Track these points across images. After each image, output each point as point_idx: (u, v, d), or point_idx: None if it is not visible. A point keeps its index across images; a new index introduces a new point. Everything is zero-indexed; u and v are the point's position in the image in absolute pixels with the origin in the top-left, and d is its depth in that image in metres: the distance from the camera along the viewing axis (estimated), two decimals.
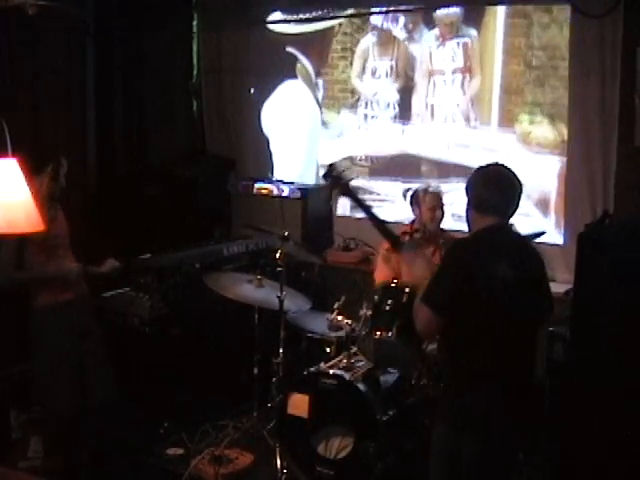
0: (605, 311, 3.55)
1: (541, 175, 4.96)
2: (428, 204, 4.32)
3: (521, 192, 2.99)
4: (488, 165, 3.07)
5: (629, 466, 3.46)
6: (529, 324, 2.96)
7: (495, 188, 2.93)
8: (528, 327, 2.96)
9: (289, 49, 5.83)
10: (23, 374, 4.46)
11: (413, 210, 4.38)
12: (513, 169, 3.02)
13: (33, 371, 4.11)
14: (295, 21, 5.73)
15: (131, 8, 5.64)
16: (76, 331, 4.03)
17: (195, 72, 6.10)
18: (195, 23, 6.02)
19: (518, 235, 3.13)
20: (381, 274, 4.34)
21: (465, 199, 3.02)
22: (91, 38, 5.51)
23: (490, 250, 2.90)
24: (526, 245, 3.10)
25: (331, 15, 5.57)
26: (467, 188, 3.01)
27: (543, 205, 4.98)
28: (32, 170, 3.48)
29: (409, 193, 4.48)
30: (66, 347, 4.00)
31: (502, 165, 3.09)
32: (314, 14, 5.62)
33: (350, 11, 5.52)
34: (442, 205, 4.36)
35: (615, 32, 4.44)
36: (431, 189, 4.39)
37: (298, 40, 5.78)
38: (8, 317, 4.62)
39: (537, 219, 4.95)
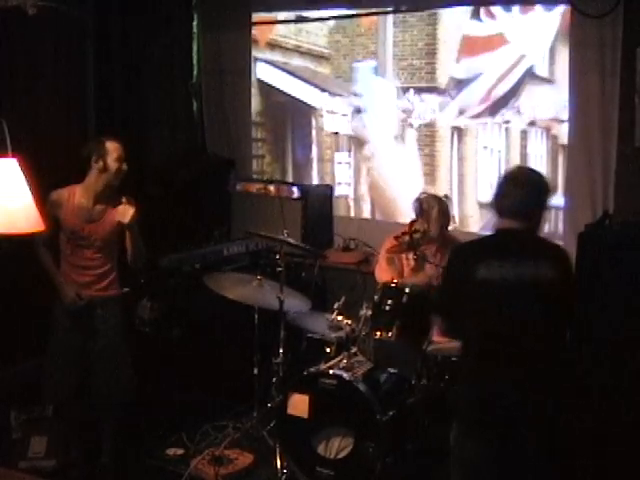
0: (605, 311, 3.54)
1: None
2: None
3: (541, 193, 2.97)
4: (513, 168, 3.16)
5: (629, 466, 3.46)
6: (532, 328, 2.88)
7: (507, 190, 2.94)
8: (531, 330, 2.88)
9: None
10: (23, 374, 4.47)
11: (417, 217, 4.27)
12: (538, 171, 3.07)
13: None
14: (295, 22, 5.73)
15: (131, 8, 5.63)
16: (84, 328, 4.01)
17: (195, 72, 6.10)
18: (195, 23, 6.02)
19: (531, 240, 3.01)
20: (385, 275, 4.32)
21: None
22: (91, 38, 5.51)
23: (481, 253, 2.90)
24: (541, 251, 2.97)
25: (333, 15, 5.58)
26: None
27: None
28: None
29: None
30: (69, 340, 4.01)
31: (525, 167, 3.13)
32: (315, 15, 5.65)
33: (352, 11, 5.52)
34: (448, 213, 4.35)
35: (615, 32, 4.43)
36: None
37: None
38: (9, 317, 4.62)
39: None
